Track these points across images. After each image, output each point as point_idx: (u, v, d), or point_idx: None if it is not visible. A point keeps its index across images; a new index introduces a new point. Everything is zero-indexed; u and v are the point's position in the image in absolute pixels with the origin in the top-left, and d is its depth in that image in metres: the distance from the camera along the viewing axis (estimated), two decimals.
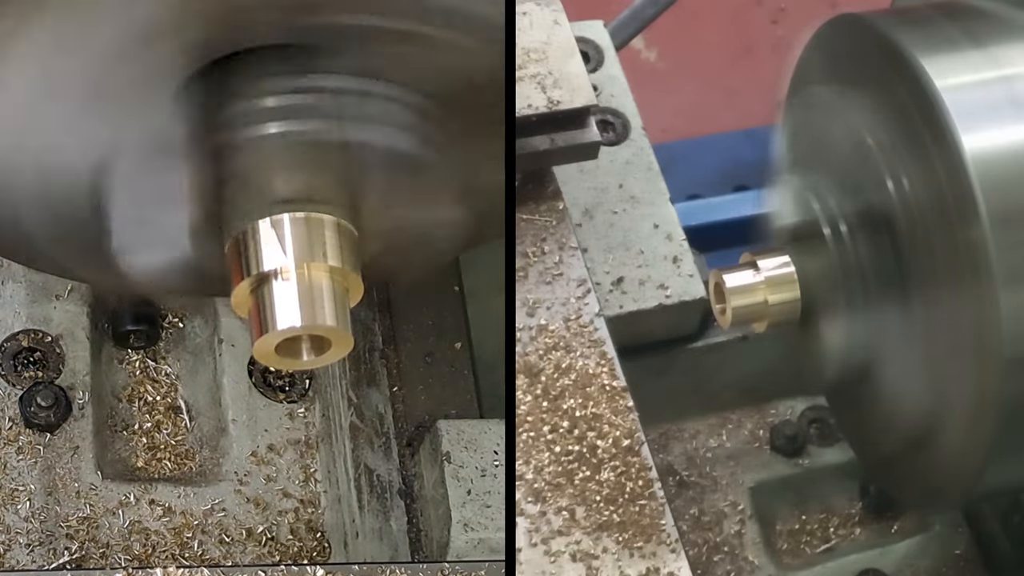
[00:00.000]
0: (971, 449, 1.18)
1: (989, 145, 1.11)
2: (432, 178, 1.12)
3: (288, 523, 1.54)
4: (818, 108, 1.30)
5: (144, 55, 1.06)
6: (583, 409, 1.29)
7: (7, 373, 1.53)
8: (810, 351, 1.27)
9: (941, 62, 1.15)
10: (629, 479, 1.25)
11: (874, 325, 1.25)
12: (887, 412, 1.26)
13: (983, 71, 1.14)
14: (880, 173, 1.15)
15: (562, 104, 1.37)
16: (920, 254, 1.20)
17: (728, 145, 2.53)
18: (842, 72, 1.27)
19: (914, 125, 1.13)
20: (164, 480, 1.54)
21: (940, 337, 1.19)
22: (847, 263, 1.23)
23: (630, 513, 1.23)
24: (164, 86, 1.10)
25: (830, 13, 1.29)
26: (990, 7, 1.24)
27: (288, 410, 1.60)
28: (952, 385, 1.19)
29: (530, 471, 1.25)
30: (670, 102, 2.79)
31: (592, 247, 1.53)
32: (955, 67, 1.14)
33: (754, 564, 1.59)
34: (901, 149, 1.15)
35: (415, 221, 1.17)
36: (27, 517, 1.47)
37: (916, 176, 1.15)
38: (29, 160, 1.15)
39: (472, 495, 1.41)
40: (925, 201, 1.17)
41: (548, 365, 1.31)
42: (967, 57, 1.15)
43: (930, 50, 1.16)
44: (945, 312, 1.18)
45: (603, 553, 1.21)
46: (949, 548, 1.60)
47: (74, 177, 1.15)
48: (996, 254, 1.09)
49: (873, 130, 1.16)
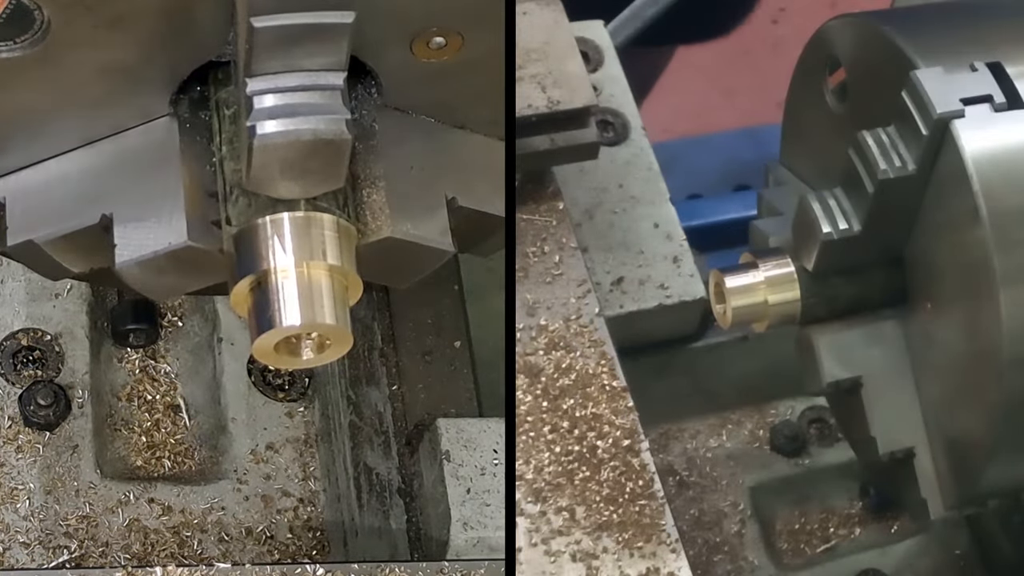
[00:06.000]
0: (971, 449, 1.18)
1: (989, 145, 1.11)
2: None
3: (287, 521, 1.55)
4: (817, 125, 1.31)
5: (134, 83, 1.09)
6: (583, 409, 1.29)
7: (6, 372, 1.54)
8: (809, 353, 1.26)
9: (941, 62, 1.15)
10: (629, 479, 1.25)
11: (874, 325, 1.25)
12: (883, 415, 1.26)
13: (983, 71, 1.14)
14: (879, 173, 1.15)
15: (562, 104, 1.37)
16: (920, 254, 1.20)
17: (728, 145, 2.53)
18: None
19: (914, 126, 1.13)
20: (163, 479, 1.54)
21: (940, 337, 1.19)
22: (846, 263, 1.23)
23: (630, 513, 1.23)
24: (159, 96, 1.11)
25: (830, 13, 1.29)
26: (990, 7, 1.24)
27: (287, 408, 1.60)
28: (952, 386, 1.19)
29: (530, 471, 1.25)
30: (670, 102, 2.79)
31: (592, 247, 1.53)
32: (955, 67, 1.14)
33: (754, 564, 1.59)
34: (900, 149, 1.15)
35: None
36: (26, 516, 1.47)
37: (915, 176, 1.15)
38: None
39: (471, 494, 1.41)
40: (924, 201, 1.17)
41: (548, 365, 1.31)
42: (967, 57, 1.15)
43: (930, 51, 1.16)
44: (945, 312, 1.18)
45: (603, 553, 1.21)
46: (949, 548, 1.60)
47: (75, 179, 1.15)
48: (996, 254, 1.09)
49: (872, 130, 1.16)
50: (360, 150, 1.15)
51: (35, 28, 1.03)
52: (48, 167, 1.15)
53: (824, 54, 1.28)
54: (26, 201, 1.15)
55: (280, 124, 1.04)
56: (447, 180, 1.19)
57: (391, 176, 1.15)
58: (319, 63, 1.04)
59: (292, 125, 1.04)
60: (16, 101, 1.09)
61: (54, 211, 1.14)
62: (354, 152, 1.11)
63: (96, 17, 1.03)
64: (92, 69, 1.08)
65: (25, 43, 1.03)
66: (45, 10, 1.02)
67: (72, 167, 1.14)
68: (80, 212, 1.13)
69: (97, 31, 1.04)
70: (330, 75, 1.05)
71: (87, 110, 1.12)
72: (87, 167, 1.14)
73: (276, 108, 1.04)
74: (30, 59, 1.04)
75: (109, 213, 1.12)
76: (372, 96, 1.16)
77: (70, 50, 1.05)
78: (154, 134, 1.14)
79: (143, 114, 1.14)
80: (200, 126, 1.14)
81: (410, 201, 1.16)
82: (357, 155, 1.14)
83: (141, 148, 1.14)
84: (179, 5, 1.05)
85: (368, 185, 1.14)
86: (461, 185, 1.19)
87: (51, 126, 1.12)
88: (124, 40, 1.05)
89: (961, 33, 1.20)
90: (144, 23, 1.05)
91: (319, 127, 1.04)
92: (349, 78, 1.06)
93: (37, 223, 1.14)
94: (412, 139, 1.18)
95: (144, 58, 1.08)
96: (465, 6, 1.08)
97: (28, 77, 1.06)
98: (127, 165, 1.14)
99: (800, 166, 1.37)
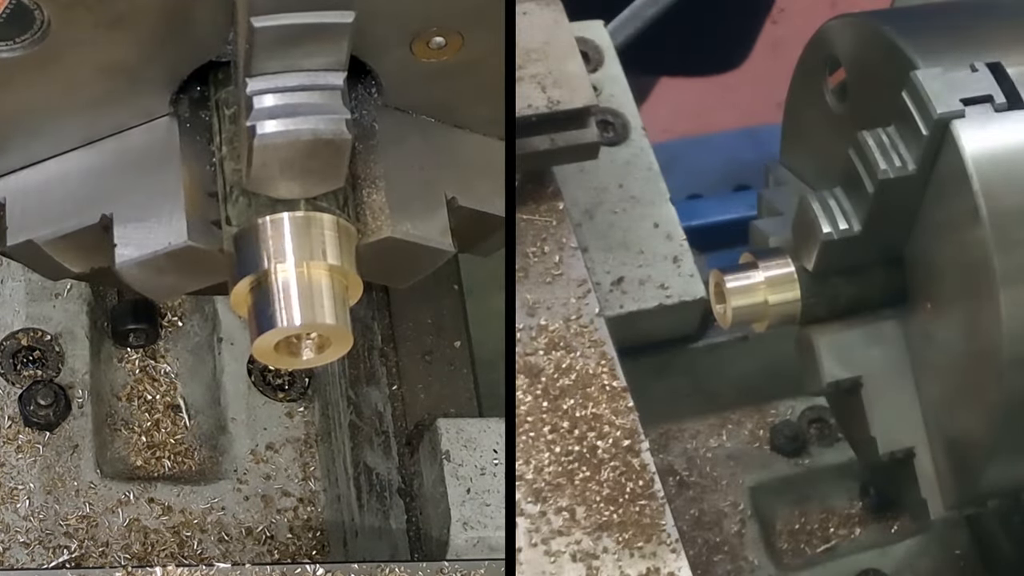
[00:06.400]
0: (971, 449, 1.18)
1: (989, 145, 1.11)
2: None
3: (287, 521, 1.54)
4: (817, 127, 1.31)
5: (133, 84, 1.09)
6: (583, 409, 1.29)
7: (6, 372, 1.54)
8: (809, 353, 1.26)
9: (941, 62, 1.14)
10: (629, 479, 1.25)
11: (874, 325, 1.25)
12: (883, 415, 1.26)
13: (983, 71, 1.14)
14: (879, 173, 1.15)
15: (562, 104, 1.37)
16: (920, 254, 1.20)
17: (728, 145, 2.53)
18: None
19: (914, 126, 1.13)
20: (163, 479, 1.54)
21: (940, 337, 1.19)
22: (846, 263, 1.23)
23: (630, 513, 1.23)
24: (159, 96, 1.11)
25: (830, 13, 1.29)
26: (990, 7, 1.24)
27: (287, 408, 1.60)
28: (952, 386, 1.19)
29: (530, 471, 1.25)
30: (670, 102, 2.79)
31: (592, 247, 1.53)
32: (955, 67, 1.14)
33: (754, 564, 1.59)
34: (900, 149, 1.15)
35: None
36: (26, 516, 1.47)
37: (915, 176, 1.15)
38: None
39: (471, 494, 1.41)
40: (924, 201, 1.17)
41: (548, 365, 1.31)
42: (967, 57, 1.15)
43: (930, 51, 1.16)
44: (945, 312, 1.18)
45: (603, 553, 1.21)
46: (949, 548, 1.60)
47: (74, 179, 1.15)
48: (996, 254, 1.09)
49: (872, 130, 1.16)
50: (360, 150, 1.15)
51: (35, 28, 1.03)
52: (48, 167, 1.15)
53: (824, 54, 1.28)
54: (26, 201, 1.15)
55: (280, 124, 1.04)
56: (447, 180, 1.19)
57: (391, 176, 1.15)
58: (319, 63, 1.04)
59: (292, 125, 1.04)
60: (16, 101, 1.09)
61: (54, 211, 1.14)
62: (354, 152, 1.12)
63: (96, 17, 1.03)
64: (92, 69, 1.08)
65: (25, 43, 1.03)
66: (45, 10, 1.02)
67: (72, 167, 1.14)
68: (80, 212, 1.13)
69: (97, 31, 1.04)
70: (330, 75, 1.05)
71: (87, 110, 1.12)
72: (87, 167, 1.14)
73: (276, 108, 1.04)
74: (30, 59, 1.04)
75: (109, 213, 1.12)
76: (372, 96, 1.16)
77: (70, 50, 1.05)
78: (154, 134, 1.14)
79: (143, 114, 1.14)
80: (200, 126, 1.14)
81: (410, 201, 1.16)
82: (357, 155, 1.14)
83: (141, 148, 1.14)
84: (179, 5, 1.05)
85: (368, 185, 1.14)
86: (461, 185, 1.19)
87: (51, 126, 1.12)
88: (124, 40, 1.05)
89: (961, 33, 1.20)
90: (144, 23, 1.05)
91: (319, 127, 1.04)
92: (349, 78, 1.06)
93: (37, 223, 1.14)
94: (412, 139, 1.18)
95: (144, 58, 1.08)
96: (465, 6, 1.08)
97: (28, 77, 1.06)
98: (127, 165, 1.14)
99: (800, 166, 1.37)
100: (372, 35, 1.08)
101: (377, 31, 1.08)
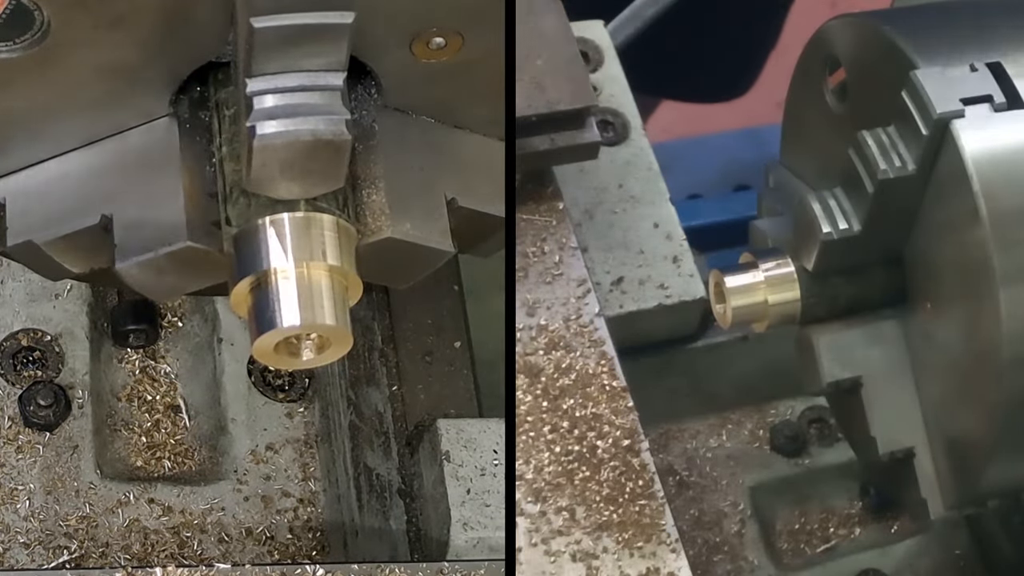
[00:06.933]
0: (971, 449, 1.18)
1: (989, 145, 1.11)
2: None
3: (287, 522, 1.54)
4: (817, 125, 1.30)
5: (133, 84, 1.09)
6: (583, 409, 1.29)
7: (6, 372, 1.54)
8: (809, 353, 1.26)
9: (941, 62, 1.15)
10: (629, 479, 1.25)
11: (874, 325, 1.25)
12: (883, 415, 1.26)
13: (983, 71, 1.14)
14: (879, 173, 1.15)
15: (562, 104, 1.37)
16: (919, 254, 1.20)
17: (728, 145, 2.53)
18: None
19: (914, 126, 1.13)
20: (163, 479, 1.54)
21: (940, 337, 1.19)
22: (846, 263, 1.23)
23: (630, 513, 1.23)
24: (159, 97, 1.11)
25: (830, 13, 1.29)
26: (990, 7, 1.24)
27: (287, 409, 1.60)
28: (952, 386, 1.19)
29: (530, 471, 1.25)
30: (670, 102, 2.79)
31: (592, 247, 1.53)
32: (955, 67, 1.14)
33: (754, 564, 1.59)
34: (900, 149, 1.15)
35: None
36: (26, 516, 1.47)
37: (915, 176, 1.15)
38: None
39: (471, 494, 1.41)
40: (924, 201, 1.17)
41: (548, 365, 1.31)
42: (967, 57, 1.15)
43: (930, 51, 1.16)
44: (945, 312, 1.18)
45: (603, 553, 1.21)
46: (949, 548, 1.60)
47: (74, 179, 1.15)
48: (996, 254, 1.09)
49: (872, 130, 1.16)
50: (360, 150, 1.15)
51: (35, 28, 1.03)
52: (48, 167, 1.15)
53: (824, 54, 1.28)
54: (26, 201, 1.15)
55: (280, 124, 1.04)
56: (447, 180, 1.19)
57: (391, 176, 1.15)
58: (319, 63, 1.04)
59: (292, 125, 1.04)
60: (16, 101, 1.09)
61: (54, 211, 1.14)
62: (354, 152, 1.11)
63: (96, 17, 1.03)
64: (92, 69, 1.08)
65: (25, 43, 1.03)
66: (45, 10, 1.02)
67: (72, 167, 1.14)
68: (80, 212, 1.13)
69: (97, 31, 1.04)
70: (330, 75, 1.05)
71: (87, 110, 1.12)
72: (87, 167, 1.14)
73: (276, 108, 1.04)
74: (30, 59, 1.04)
75: (109, 213, 1.12)
76: (372, 96, 1.16)
77: (70, 50, 1.05)
78: (154, 134, 1.14)
79: (143, 114, 1.14)
80: (200, 126, 1.14)
81: (410, 201, 1.16)
82: (357, 155, 1.14)
83: (141, 148, 1.14)
84: (179, 5, 1.05)
85: (368, 185, 1.14)
86: (461, 185, 1.19)
87: (51, 126, 1.12)
88: (124, 40, 1.05)
89: (961, 33, 1.20)
90: (144, 23, 1.05)
91: (319, 127, 1.04)
92: (349, 78, 1.06)
93: (37, 223, 1.14)
94: (412, 139, 1.18)
95: (144, 58, 1.08)
96: (465, 6, 1.08)
97: (28, 77, 1.06)
98: (127, 165, 1.14)
99: (800, 166, 1.37)
100: (372, 35, 1.08)
101: (377, 31, 1.08)
